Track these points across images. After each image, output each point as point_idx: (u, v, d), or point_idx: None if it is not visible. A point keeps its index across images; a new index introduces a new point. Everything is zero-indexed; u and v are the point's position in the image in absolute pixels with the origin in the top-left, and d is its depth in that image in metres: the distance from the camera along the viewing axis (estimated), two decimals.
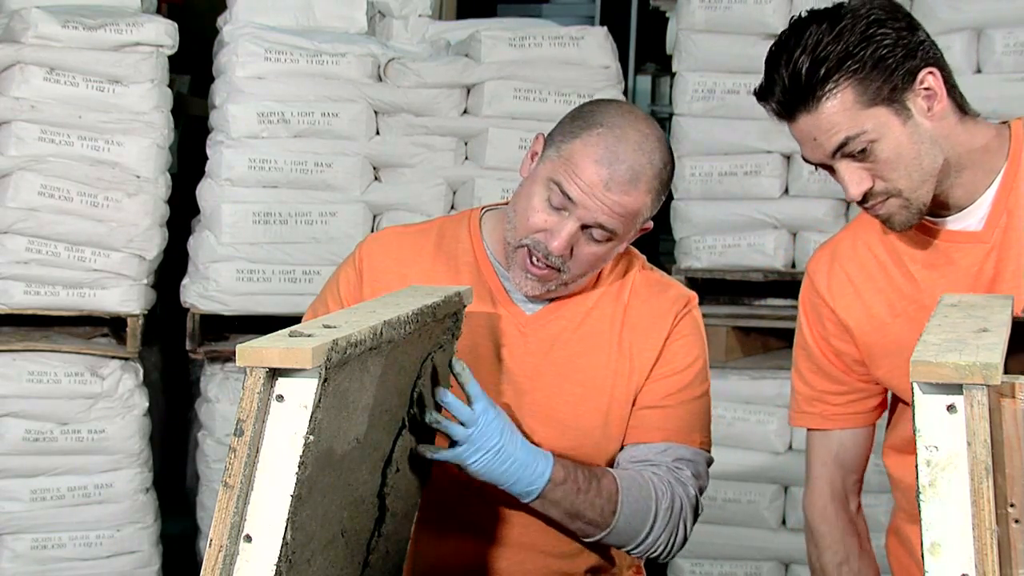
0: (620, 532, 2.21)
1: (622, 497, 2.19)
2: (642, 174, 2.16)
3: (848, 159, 2.07)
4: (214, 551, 1.61)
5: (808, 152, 2.12)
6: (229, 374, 4.24)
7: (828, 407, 2.36)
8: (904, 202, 2.08)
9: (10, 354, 4.05)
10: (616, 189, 2.14)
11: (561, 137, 2.20)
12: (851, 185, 2.08)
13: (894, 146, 2.05)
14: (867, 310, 2.24)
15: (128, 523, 4.16)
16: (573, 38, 4.30)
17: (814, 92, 2.05)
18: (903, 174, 2.06)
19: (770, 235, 4.31)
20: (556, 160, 2.17)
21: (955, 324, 1.66)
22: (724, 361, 4.26)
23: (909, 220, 2.11)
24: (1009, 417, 1.52)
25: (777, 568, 4.28)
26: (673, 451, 2.27)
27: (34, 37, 3.99)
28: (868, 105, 2.04)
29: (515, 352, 2.27)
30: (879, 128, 2.04)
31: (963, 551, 1.47)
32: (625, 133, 2.17)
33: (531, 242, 2.18)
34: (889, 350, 2.23)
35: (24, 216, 4.01)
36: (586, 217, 2.15)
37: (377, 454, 1.96)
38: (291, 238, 4.19)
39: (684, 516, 2.25)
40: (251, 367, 1.63)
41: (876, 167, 2.06)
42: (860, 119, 2.04)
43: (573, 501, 2.16)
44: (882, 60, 2.03)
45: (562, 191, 2.15)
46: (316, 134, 4.21)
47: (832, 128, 2.05)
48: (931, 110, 2.06)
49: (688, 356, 2.31)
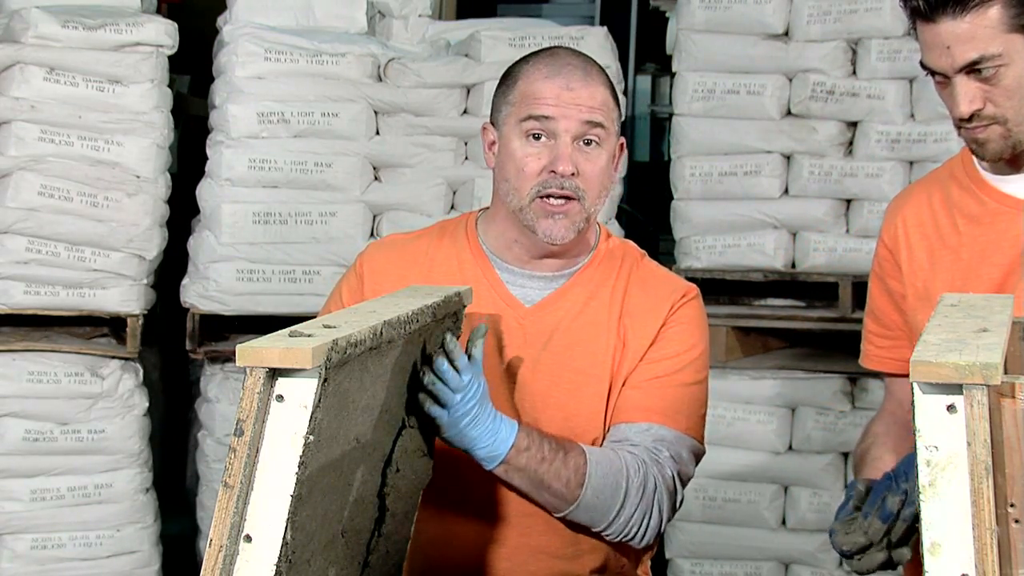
0: (588, 507, 2.20)
1: (590, 470, 2.18)
2: (590, 66, 2.28)
3: (970, 75, 2.09)
4: (214, 551, 1.61)
5: (934, 59, 2.12)
6: (229, 374, 4.24)
7: (872, 348, 2.42)
8: (1006, 132, 2.12)
9: (10, 354, 4.05)
10: (577, 86, 2.24)
11: (503, 96, 2.30)
12: (963, 102, 2.10)
13: (1018, 75, 2.08)
14: (911, 252, 2.29)
15: (128, 523, 4.16)
16: (573, 38, 4.30)
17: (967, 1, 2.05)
18: (1016, 104, 2.10)
19: (770, 235, 4.31)
20: (513, 109, 2.27)
21: (955, 324, 1.66)
22: (724, 361, 4.26)
23: (1003, 150, 2.14)
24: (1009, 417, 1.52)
25: (777, 568, 4.28)
26: (655, 431, 2.26)
27: (34, 37, 3.98)
28: (1010, 30, 2.07)
29: (515, 344, 2.28)
30: (1012, 54, 2.07)
31: (963, 551, 1.47)
32: (554, 51, 2.31)
33: (539, 185, 2.22)
34: (920, 295, 2.28)
35: (24, 216, 4.01)
36: (571, 126, 2.22)
37: (377, 454, 1.96)
38: (291, 238, 4.19)
39: (659, 498, 2.23)
40: (251, 367, 1.64)
41: (993, 91, 2.09)
42: (998, 41, 2.07)
43: (536, 469, 2.16)
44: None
45: (536, 117, 2.23)
46: (316, 134, 4.21)
47: (971, 41, 2.07)
48: None
49: (683, 344, 2.31)
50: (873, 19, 4.21)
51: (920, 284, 2.28)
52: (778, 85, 4.29)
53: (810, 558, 4.22)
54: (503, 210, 2.30)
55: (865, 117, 4.24)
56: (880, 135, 4.21)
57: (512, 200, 2.26)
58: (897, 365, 2.39)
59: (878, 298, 2.39)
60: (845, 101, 4.24)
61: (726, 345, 4.30)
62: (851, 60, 4.26)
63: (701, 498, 4.22)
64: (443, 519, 2.29)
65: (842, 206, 4.28)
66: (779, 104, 4.30)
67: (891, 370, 2.42)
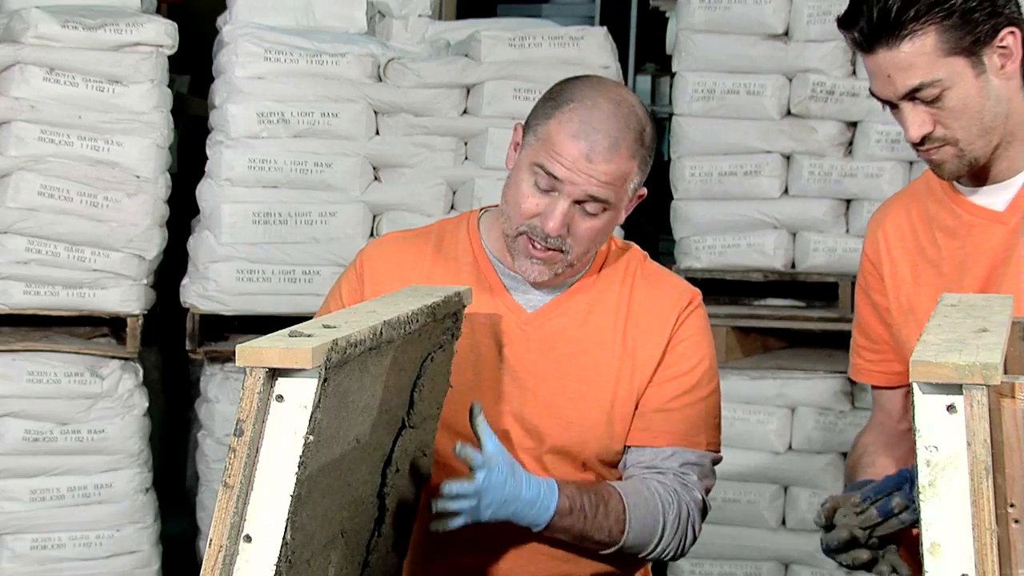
0: (630, 546, 2.24)
1: (629, 515, 2.21)
2: (621, 139, 2.18)
3: (915, 101, 2.11)
4: (214, 551, 1.61)
5: (878, 87, 2.15)
6: (229, 374, 4.24)
7: (862, 361, 2.42)
8: (959, 152, 2.13)
9: (10, 354, 4.05)
10: (598, 159, 2.16)
11: (536, 121, 2.23)
12: (912, 127, 2.12)
13: (963, 97, 2.10)
14: (893, 266, 2.30)
15: (128, 523, 4.16)
16: (573, 38, 4.30)
17: (900, 29, 2.08)
18: (964, 125, 2.11)
19: (770, 235, 4.31)
20: (535, 144, 2.20)
21: (955, 324, 1.66)
22: (724, 361, 4.26)
23: (959, 170, 2.16)
24: (1009, 417, 1.52)
25: (777, 568, 4.28)
26: (680, 456, 2.28)
27: (34, 37, 3.98)
28: (948, 54, 2.08)
29: (517, 350, 2.27)
30: (953, 77, 2.09)
31: (963, 551, 1.47)
32: (596, 103, 2.19)
33: (527, 228, 2.20)
34: (904, 308, 2.29)
35: (24, 216, 4.01)
36: (575, 192, 2.17)
37: (377, 454, 1.96)
38: (291, 238, 4.19)
39: (692, 521, 2.27)
40: (251, 367, 1.64)
41: (940, 114, 2.11)
42: (937, 66, 2.09)
43: (581, 528, 2.18)
44: (970, 12, 2.08)
45: (547, 172, 2.17)
46: (316, 134, 4.20)
47: (909, 68, 2.09)
48: (1004, 68, 2.12)
49: (694, 357, 2.31)
50: None
51: (904, 299, 2.29)
52: (778, 85, 4.29)
53: (810, 558, 4.22)
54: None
55: (865, 117, 4.24)
56: (880, 135, 4.21)
57: (505, 223, 2.25)
58: (886, 378, 2.40)
59: (864, 312, 2.40)
60: (845, 101, 4.24)
61: (726, 345, 4.30)
62: (851, 60, 4.25)
63: None
64: None
65: (842, 206, 4.29)
66: (779, 104, 4.30)
67: (880, 383, 2.43)
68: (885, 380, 2.40)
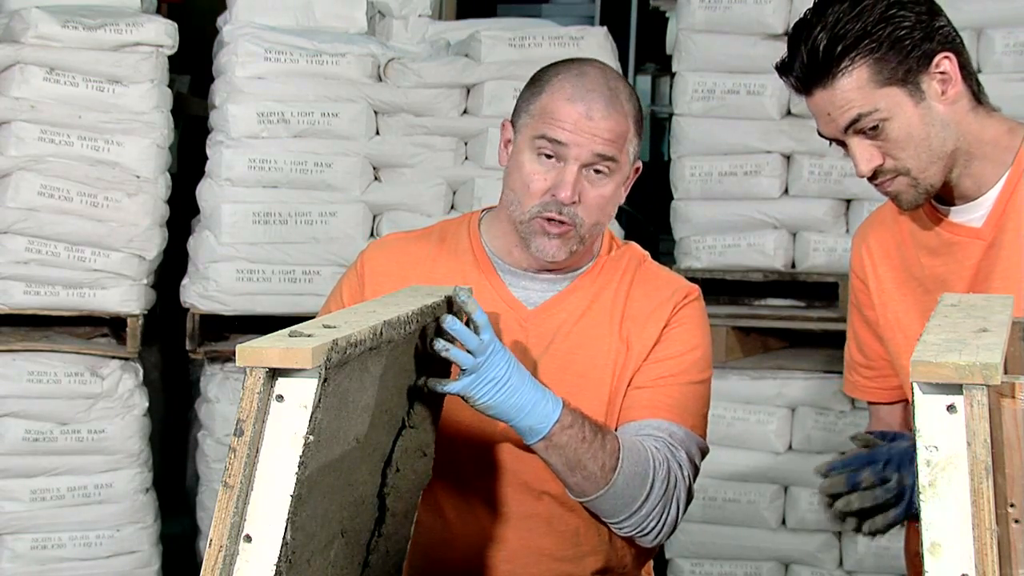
0: (618, 493, 2.17)
1: (623, 455, 2.16)
2: (614, 97, 2.23)
3: (860, 136, 2.12)
4: (214, 551, 1.61)
5: (822, 126, 2.17)
6: (229, 374, 4.24)
7: (859, 378, 2.42)
8: (912, 181, 2.14)
9: (10, 354, 4.05)
10: (598, 115, 2.20)
11: (526, 103, 2.27)
12: (861, 161, 2.14)
13: (905, 126, 2.10)
14: (879, 282, 2.30)
15: (128, 523, 4.16)
16: (573, 38, 4.30)
17: (830, 68, 2.10)
18: (912, 154, 2.11)
19: (770, 235, 4.31)
20: (531, 122, 2.24)
21: (955, 324, 1.66)
22: (724, 361, 4.26)
23: (916, 200, 2.16)
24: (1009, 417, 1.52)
25: (777, 568, 4.28)
26: (667, 428, 2.25)
27: (34, 37, 3.98)
28: (882, 84, 2.09)
29: (517, 347, 2.27)
30: (891, 108, 2.09)
31: (963, 551, 1.47)
32: (583, 70, 2.26)
33: (540, 205, 2.21)
34: (891, 324, 2.29)
35: (24, 216, 4.01)
36: (582, 155, 2.19)
37: (377, 454, 1.96)
38: (291, 238, 4.19)
39: (678, 494, 2.22)
40: (251, 367, 1.64)
41: (887, 145, 2.12)
42: (874, 97, 2.09)
43: (576, 448, 2.13)
44: (899, 41, 2.09)
45: (550, 139, 2.20)
46: (316, 134, 4.21)
47: (846, 104, 2.10)
48: (945, 94, 2.12)
49: (686, 344, 2.31)
50: None
51: (891, 315, 2.29)
52: (778, 85, 4.27)
53: (810, 558, 4.22)
54: (507, 214, 2.29)
55: None
56: None
57: (514, 211, 2.25)
58: (885, 394, 2.40)
59: (860, 329, 2.39)
60: None
61: (726, 345, 4.30)
62: None
63: (701, 498, 4.22)
64: (444, 520, 2.29)
65: (842, 206, 4.28)
66: (779, 104, 4.30)
67: (878, 399, 2.42)
68: (884, 396, 2.40)
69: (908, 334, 2.25)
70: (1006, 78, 4.10)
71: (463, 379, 2.04)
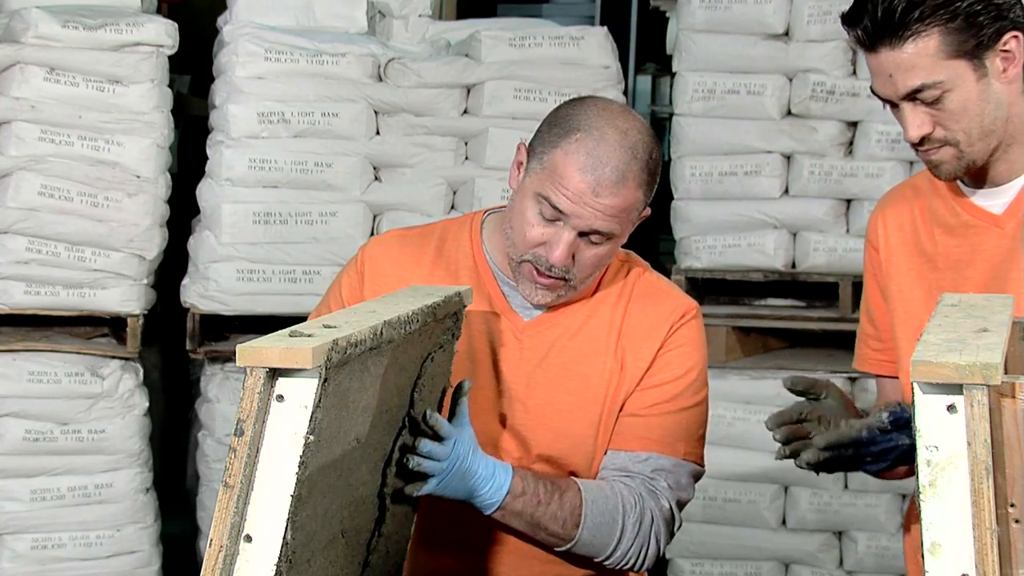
0: (585, 544, 2.21)
1: (586, 510, 2.19)
2: (628, 171, 2.14)
3: (915, 102, 2.11)
4: (214, 551, 1.61)
5: (879, 86, 2.15)
6: (229, 374, 4.24)
7: (868, 351, 2.42)
8: (958, 153, 2.14)
9: (10, 354, 4.05)
10: (605, 192, 2.12)
11: (542, 148, 2.18)
12: (912, 127, 2.12)
13: (963, 99, 2.10)
14: (890, 253, 2.31)
15: (128, 523, 4.16)
16: (573, 38, 4.30)
17: (903, 30, 2.08)
18: (964, 127, 2.11)
19: (770, 235, 4.31)
20: (540, 173, 2.17)
21: (955, 324, 1.66)
22: (724, 361, 4.26)
23: (956, 171, 2.16)
24: (1009, 417, 1.52)
25: (777, 568, 4.28)
26: (653, 461, 2.26)
27: (34, 37, 3.98)
28: (950, 56, 2.08)
29: (511, 358, 2.27)
30: (954, 80, 2.09)
31: (963, 551, 1.47)
32: (604, 134, 2.15)
33: (532, 257, 2.18)
34: (893, 295, 2.29)
35: (24, 216, 4.01)
36: (580, 225, 2.15)
37: (377, 454, 1.96)
38: (291, 238, 4.19)
39: (656, 530, 2.24)
40: (251, 367, 1.64)
41: (941, 115, 2.11)
42: (939, 68, 2.09)
43: (533, 513, 2.16)
44: (974, 15, 2.08)
45: (552, 205, 2.14)
46: (316, 134, 4.21)
47: (911, 69, 2.09)
48: (1006, 72, 2.12)
49: (681, 367, 2.29)
50: None
51: (895, 288, 2.30)
52: (778, 85, 4.29)
53: (810, 558, 4.22)
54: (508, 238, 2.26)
55: (865, 117, 4.24)
56: (880, 135, 4.21)
57: (509, 247, 2.23)
58: (891, 367, 2.39)
59: (872, 296, 2.40)
60: (845, 101, 4.24)
61: (726, 345, 4.30)
62: (851, 60, 4.26)
63: (701, 498, 4.22)
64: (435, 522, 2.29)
65: (842, 206, 4.29)
66: (779, 104, 4.30)
67: (884, 372, 2.42)
68: (890, 369, 2.39)
69: (908, 308, 2.26)
70: None
71: (432, 482, 2.08)
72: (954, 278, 2.21)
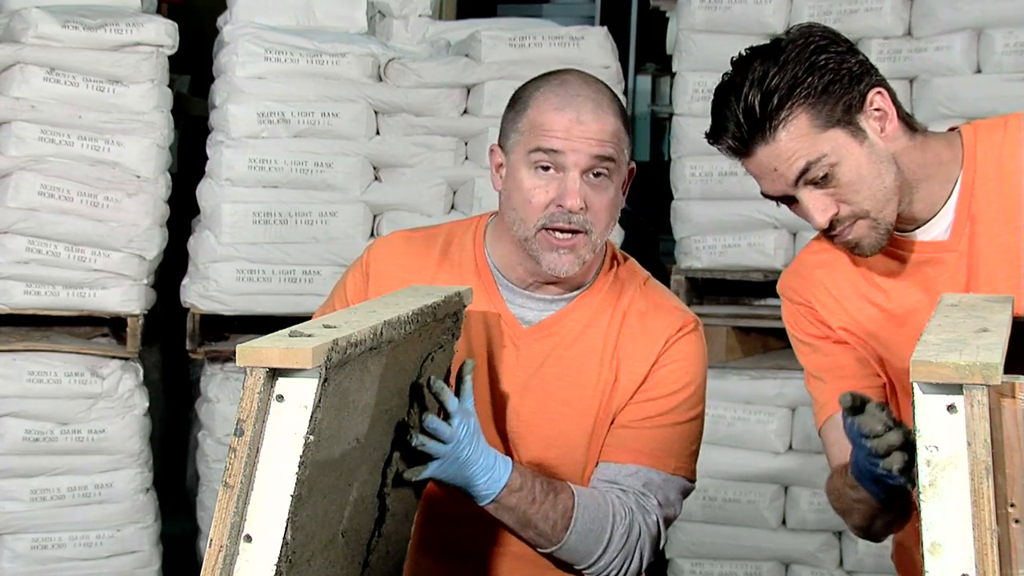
0: (571, 549, 2.21)
1: (577, 515, 2.19)
2: (601, 99, 2.23)
3: (810, 187, 2.06)
4: (214, 551, 1.61)
5: (768, 185, 2.11)
6: (229, 374, 4.24)
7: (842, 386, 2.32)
8: (872, 223, 2.08)
9: (10, 354, 4.05)
10: (588, 119, 2.19)
11: (512, 123, 2.25)
12: (816, 213, 2.07)
13: (854, 167, 2.05)
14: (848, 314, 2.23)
15: (128, 523, 4.16)
16: (573, 38, 4.30)
17: (769, 122, 2.05)
18: (867, 194, 2.06)
19: (770, 235, 4.31)
20: (522, 139, 2.21)
21: (955, 324, 1.66)
22: (724, 361, 4.26)
23: (878, 242, 2.11)
24: (1009, 417, 1.52)
25: (777, 568, 4.28)
26: (643, 475, 2.25)
27: (34, 37, 3.99)
28: (824, 128, 2.05)
29: (507, 365, 2.27)
30: (838, 150, 2.05)
31: (963, 551, 1.47)
32: (564, 79, 2.26)
33: (546, 219, 2.18)
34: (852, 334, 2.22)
35: (24, 216, 4.01)
36: (580, 160, 2.17)
37: (377, 454, 1.96)
38: (291, 238, 4.19)
39: (641, 544, 2.24)
40: (251, 367, 1.64)
41: (839, 191, 2.06)
42: (818, 143, 2.04)
43: (526, 510, 2.16)
44: (831, 84, 2.05)
45: (545, 150, 2.18)
46: (316, 134, 4.21)
47: (792, 155, 2.05)
48: (884, 131, 2.07)
49: (677, 382, 2.28)
50: (873, 19, 4.21)
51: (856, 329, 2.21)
52: None
53: (810, 558, 4.22)
54: (509, 234, 2.26)
55: None
56: None
57: (518, 230, 2.22)
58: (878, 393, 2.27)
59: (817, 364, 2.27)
60: None
61: (726, 345, 4.30)
62: None
63: (701, 498, 4.22)
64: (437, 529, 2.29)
65: None
66: None
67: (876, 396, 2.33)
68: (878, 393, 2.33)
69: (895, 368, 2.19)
70: (1006, 78, 4.10)
71: (432, 465, 2.07)
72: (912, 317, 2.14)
